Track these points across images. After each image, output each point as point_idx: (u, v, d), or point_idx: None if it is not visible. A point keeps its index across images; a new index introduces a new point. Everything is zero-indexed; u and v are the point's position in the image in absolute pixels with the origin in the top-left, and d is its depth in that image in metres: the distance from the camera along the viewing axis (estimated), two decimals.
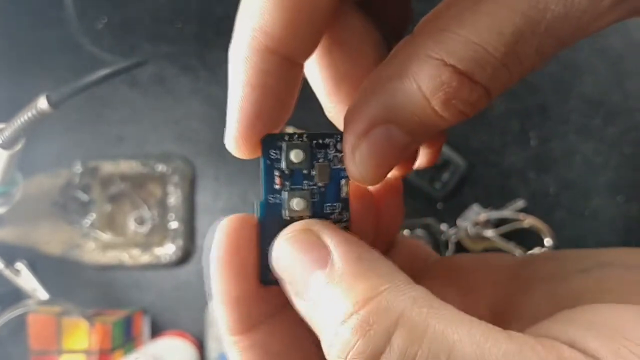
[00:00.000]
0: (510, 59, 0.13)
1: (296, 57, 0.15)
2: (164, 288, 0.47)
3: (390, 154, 0.15)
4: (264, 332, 0.16)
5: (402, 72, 0.14)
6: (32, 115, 0.32)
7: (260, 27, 0.14)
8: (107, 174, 0.46)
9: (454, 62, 0.13)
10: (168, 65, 0.48)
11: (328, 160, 0.15)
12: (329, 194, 0.16)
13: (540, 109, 0.46)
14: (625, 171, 0.46)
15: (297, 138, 0.15)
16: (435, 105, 0.14)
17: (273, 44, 0.14)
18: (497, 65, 0.13)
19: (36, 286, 0.46)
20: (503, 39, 0.13)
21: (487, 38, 0.13)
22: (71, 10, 0.47)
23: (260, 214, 0.15)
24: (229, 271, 0.15)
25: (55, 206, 0.46)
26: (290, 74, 0.15)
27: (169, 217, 0.46)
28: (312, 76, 0.17)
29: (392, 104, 0.14)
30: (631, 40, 0.46)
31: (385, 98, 0.14)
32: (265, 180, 0.15)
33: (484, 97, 0.14)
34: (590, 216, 0.45)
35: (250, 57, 0.14)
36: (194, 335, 0.46)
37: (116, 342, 0.42)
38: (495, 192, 0.46)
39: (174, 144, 0.48)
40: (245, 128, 0.15)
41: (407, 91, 0.14)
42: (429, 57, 0.13)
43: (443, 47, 0.13)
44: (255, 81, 0.14)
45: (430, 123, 0.14)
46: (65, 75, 0.48)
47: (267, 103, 0.15)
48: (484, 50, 0.13)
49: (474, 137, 0.46)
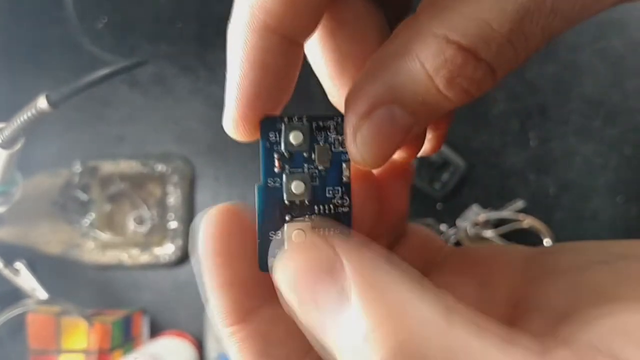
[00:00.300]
0: (515, 36, 0.13)
1: (296, 35, 0.14)
2: (163, 288, 0.47)
3: (393, 136, 0.14)
4: (261, 320, 0.15)
5: (405, 51, 0.14)
6: (31, 115, 0.32)
7: (260, 5, 0.14)
8: (106, 174, 0.46)
9: (458, 39, 0.13)
10: (168, 65, 0.48)
11: (329, 143, 0.15)
12: (330, 177, 0.15)
13: (540, 109, 0.46)
14: (625, 172, 0.46)
15: (297, 120, 0.15)
16: (439, 84, 0.13)
17: (272, 22, 0.14)
18: (502, 42, 0.13)
19: (35, 286, 0.46)
20: (508, 16, 0.13)
21: (491, 14, 0.13)
22: (71, 10, 0.47)
23: (259, 198, 0.15)
24: (220, 258, 0.15)
25: (55, 206, 0.46)
26: (291, 53, 0.15)
27: (168, 217, 0.46)
28: (314, 59, 0.17)
29: (395, 84, 0.14)
30: (631, 41, 0.46)
31: (387, 77, 0.14)
32: (265, 163, 0.15)
33: (489, 76, 0.13)
34: (589, 217, 0.45)
35: (250, 35, 0.14)
36: (194, 335, 0.46)
37: (115, 342, 0.42)
38: (494, 192, 0.46)
39: (173, 144, 0.48)
40: (244, 108, 0.15)
41: (410, 70, 0.13)
42: (432, 34, 0.13)
43: (446, 24, 0.13)
44: (255, 59, 0.14)
45: (434, 103, 0.14)
46: (65, 75, 0.48)
47: (266, 82, 0.14)
48: (489, 27, 0.13)
49: (473, 137, 0.46)
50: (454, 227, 0.45)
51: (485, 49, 0.13)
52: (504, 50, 0.13)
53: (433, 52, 0.13)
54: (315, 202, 0.15)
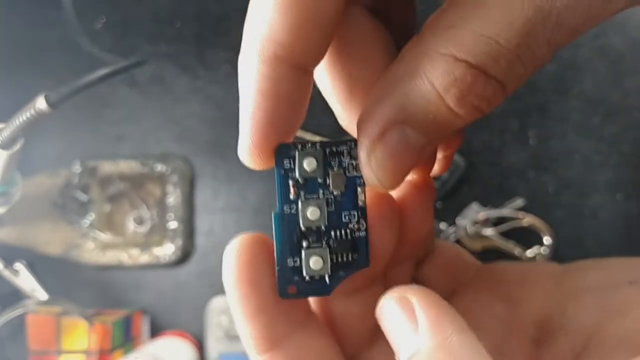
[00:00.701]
0: (523, 51, 0.13)
1: (306, 63, 0.15)
2: (163, 288, 0.47)
3: (407, 156, 0.14)
4: (292, 347, 0.16)
5: (414, 71, 0.14)
6: (30, 115, 0.32)
7: (269, 36, 0.14)
8: (106, 174, 0.46)
9: (467, 57, 0.13)
10: (167, 65, 0.48)
11: (343, 168, 0.15)
12: (345, 202, 0.15)
13: (539, 107, 0.46)
14: (624, 170, 0.46)
15: (310, 147, 0.15)
16: (450, 102, 0.13)
17: (283, 52, 0.14)
18: (510, 58, 0.13)
19: (35, 286, 0.46)
20: (515, 31, 0.13)
21: (498, 30, 0.13)
22: (70, 10, 0.47)
23: (276, 225, 0.15)
24: (246, 287, 0.15)
25: (55, 206, 0.46)
26: (302, 81, 0.15)
27: (168, 217, 0.46)
28: (323, 84, 0.17)
29: (406, 104, 0.14)
30: (631, 39, 0.46)
31: (397, 99, 0.14)
32: (280, 191, 0.15)
33: (499, 92, 0.14)
34: (589, 215, 0.45)
35: (261, 66, 0.14)
36: (194, 335, 0.46)
37: (116, 342, 0.42)
38: (494, 191, 0.46)
39: (173, 144, 0.48)
40: (259, 138, 0.15)
41: (420, 90, 0.14)
42: (440, 53, 0.13)
43: (454, 43, 0.13)
44: (267, 90, 0.14)
45: (446, 121, 0.14)
46: (64, 75, 0.47)
47: (280, 111, 0.15)
48: (496, 43, 0.13)
49: (473, 136, 0.46)
50: (453, 226, 0.45)
51: (494, 65, 0.13)
52: (513, 66, 0.13)
53: (442, 72, 0.13)
54: (332, 228, 0.15)
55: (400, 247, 0.17)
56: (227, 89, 0.47)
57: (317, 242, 0.15)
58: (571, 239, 0.45)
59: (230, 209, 0.47)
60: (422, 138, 0.14)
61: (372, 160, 0.15)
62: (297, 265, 0.15)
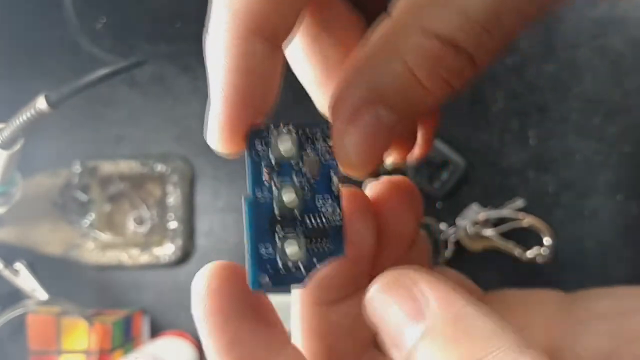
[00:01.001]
0: (491, 23, 0.13)
1: (277, 36, 0.14)
2: (163, 288, 0.47)
3: (379, 136, 0.14)
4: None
5: (383, 48, 0.14)
6: (31, 115, 0.32)
7: (240, 8, 0.13)
8: (106, 174, 0.46)
9: (435, 30, 0.13)
10: (167, 65, 0.48)
11: (317, 151, 0.15)
12: (320, 186, 0.15)
13: (539, 108, 0.46)
14: (625, 170, 0.46)
15: (284, 128, 0.15)
16: (421, 76, 0.13)
17: (255, 25, 0.13)
18: (479, 30, 0.13)
19: (35, 286, 0.46)
20: (482, 3, 0.13)
21: (466, 3, 0.13)
22: (70, 11, 0.47)
23: (248, 211, 0.14)
24: (217, 318, 0.14)
25: (55, 206, 0.46)
26: (273, 56, 0.14)
27: (168, 217, 0.46)
28: (298, 66, 0.17)
29: (377, 83, 0.14)
30: (631, 38, 0.45)
31: (369, 78, 0.14)
32: (252, 175, 0.14)
33: (469, 65, 0.13)
34: (589, 215, 0.45)
35: (232, 41, 0.13)
36: (194, 335, 0.46)
37: (116, 342, 0.42)
38: (494, 191, 0.46)
39: (173, 144, 0.48)
40: (230, 117, 0.14)
41: (391, 66, 0.13)
42: (410, 28, 0.13)
43: (422, 18, 0.13)
44: (239, 65, 0.14)
45: (416, 97, 0.14)
46: (64, 75, 0.47)
47: (252, 89, 0.14)
48: (465, 15, 0.13)
49: (473, 136, 0.46)
50: (453, 226, 0.45)
51: (463, 37, 0.13)
52: (482, 38, 0.13)
53: (412, 46, 0.13)
54: (306, 213, 0.15)
55: (383, 249, 0.17)
56: None
57: (291, 228, 0.15)
58: (571, 240, 0.45)
59: (230, 209, 0.47)
60: (394, 116, 0.14)
61: (345, 142, 0.14)
62: (269, 253, 0.14)
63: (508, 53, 0.46)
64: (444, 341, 0.12)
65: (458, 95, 0.14)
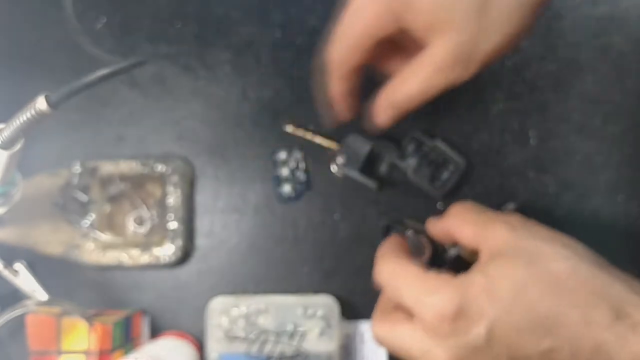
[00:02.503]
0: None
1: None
2: (163, 288, 0.47)
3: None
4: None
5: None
6: (31, 116, 0.32)
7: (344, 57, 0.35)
8: (106, 174, 0.46)
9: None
10: (168, 66, 0.48)
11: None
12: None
13: (539, 107, 0.46)
14: (626, 170, 0.46)
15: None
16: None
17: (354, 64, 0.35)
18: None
19: (35, 287, 0.46)
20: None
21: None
22: (70, 11, 0.47)
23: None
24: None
25: (55, 206, 0.46)
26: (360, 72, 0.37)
27: (168, 217, 0.46)
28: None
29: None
30: (632, 38, 0.45)
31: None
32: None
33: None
34: (590, 216, 0.45)
35: (344, 71, 0.36)
36: (194, 336, 0.46)
37: (116, 343, 0.42)
38: (494, 191, 0.46)
39: (173, 144, 0.48)
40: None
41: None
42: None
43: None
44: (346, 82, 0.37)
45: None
46: (65, 76, 0.47)
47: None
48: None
49: (473, 136, 0.46)
50: None
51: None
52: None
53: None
54: None
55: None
56: (228, 89, 0.47)
57: None
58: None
59: (230, 210, 0.47)
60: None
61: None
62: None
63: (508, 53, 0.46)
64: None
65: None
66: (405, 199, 0.46)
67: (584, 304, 0.28)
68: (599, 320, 0.27)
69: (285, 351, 0.43)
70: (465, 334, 0.29)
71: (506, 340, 0.28)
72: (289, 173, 0.46)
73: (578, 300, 0.28)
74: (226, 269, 0.47)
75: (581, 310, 0.28)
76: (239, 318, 0.44)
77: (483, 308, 0.29)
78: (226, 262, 0.47)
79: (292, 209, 0.47)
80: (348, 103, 0.38)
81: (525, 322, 0.28)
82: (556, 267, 0.29)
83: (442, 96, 0.46)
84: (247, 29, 0.47)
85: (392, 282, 0.33)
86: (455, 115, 0.46)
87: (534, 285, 0.29)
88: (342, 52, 0.34)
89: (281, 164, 0.47)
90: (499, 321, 0.28)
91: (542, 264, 0.30)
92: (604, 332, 0.27)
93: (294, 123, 0.46)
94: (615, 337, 0.27)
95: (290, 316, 0.44)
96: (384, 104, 0.35)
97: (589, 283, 0.29)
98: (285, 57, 0.47)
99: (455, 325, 0.29)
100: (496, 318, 0.28)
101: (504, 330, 0.28)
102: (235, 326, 0.44)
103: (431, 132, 0.46)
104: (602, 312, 0.28)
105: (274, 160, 0.47)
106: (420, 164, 0.44)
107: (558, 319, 0.28)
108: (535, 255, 0.30)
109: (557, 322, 0.28)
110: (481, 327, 0.28)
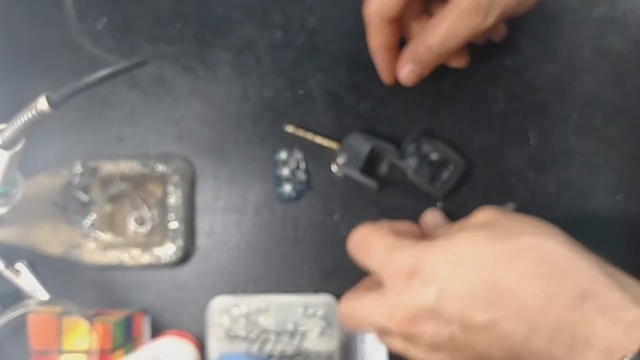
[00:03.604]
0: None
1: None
2: (164, 288, 0.47)
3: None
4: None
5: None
6: (32, 116, 0.32)
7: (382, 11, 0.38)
8: (107, 174, 0.46)
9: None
10: (168, 66, 0.48)
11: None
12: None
13: (539, 108, 0.46)
14: (625, 170, 0.46)
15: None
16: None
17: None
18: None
19: (36, 286, 0.46)
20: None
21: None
22: (71, 11, 0.47)
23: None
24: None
25: (56, 206, 0.46)
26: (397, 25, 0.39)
27: (169, 217, 0.46)
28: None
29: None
30: (632, 38, 0.46)
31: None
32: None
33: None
34: (590, 216, 0.45)
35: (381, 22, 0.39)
36: (195, 335, 0.46)
37: (117, 342, 0.42)
38: (494, 191, 0.46)
39: (174, 144, 0.48)
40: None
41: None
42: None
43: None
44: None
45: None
46: (65, 76, 0.48)
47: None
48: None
49: (473, 136, 0.46)
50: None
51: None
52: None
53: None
54: None
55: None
56: (228, 89, 0.47)
57: None
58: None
59: (231, 210, 0.47)
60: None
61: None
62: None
63: (508, 53, 0.46)
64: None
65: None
66: (405, 199, 0.46)
67: (545, 278, 0.27)
68: (560, 297, 0.27)
69: (286, 350, 0.44)
70: (417, 293, 0.29)
71: (457, 304, 0.28)
72: (289, 173, 0.46)
73: (539, 274, 0.28)
74: (227, 269, 0.47)
75: (540, 284, 0.27)
76: (239, 317, 0.44)
77: (437, 270, 0.29)
78: (227, 262, 0.47)
79: (292, 209, 0.47)
80: (386, 60, 0.41)
81: (478, 290, 0.28)
82: (520, 241, 0.29)
83: (442, 96, 0.46)
84: (247, 29, 0.47)
85: (363, 243, 0.35)
86: (455, 115, 0.46)
87: (494, 255, 0.29)
88: (376, 3, 0.37)
89: (281, 164, 0.47)
90: (451, 284, 0.29)
91: (506, 237, 0.30)
92: (565, 310, 0.26)
93: (295, 123, 0.46)
94: (581, 318, 0.26)
95: (291, 316, 0.44)
96: (409, 55, 0.40)
97: (554, 259, 0.28)
98: (285, 57, 0.47)
99: (409, 284, 0.30)
100: (449, 281, 0.29)
101: (456, 294, 0.28)
102: (235, 326, 0.44)
103: (431, 132, 0.46)
104: (564, 289, 0.27)
105: (275, 160, 0.47)
106: (421, 164, 0.44)
107: (513, 289, 0.28)
108: (500, 229, 0.31)
109: (512, 292, 0.28)
110: (432, 288, 0.29)
